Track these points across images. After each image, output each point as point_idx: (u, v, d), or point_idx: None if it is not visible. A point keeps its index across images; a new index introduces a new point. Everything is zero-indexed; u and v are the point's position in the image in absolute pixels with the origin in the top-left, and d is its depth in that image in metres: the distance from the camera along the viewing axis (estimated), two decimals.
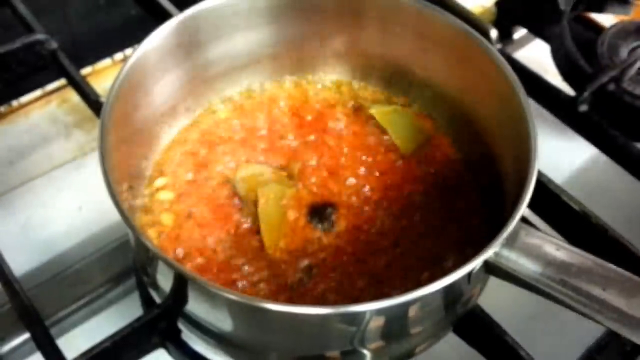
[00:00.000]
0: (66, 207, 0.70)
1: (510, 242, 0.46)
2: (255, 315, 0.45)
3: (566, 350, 0.55)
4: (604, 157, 0.70)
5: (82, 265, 0.63)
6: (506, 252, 0.46)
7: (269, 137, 0.63)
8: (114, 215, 0.67)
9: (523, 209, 0.45)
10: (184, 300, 0.47)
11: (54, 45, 0.68)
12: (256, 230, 0.56)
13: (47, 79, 0.80)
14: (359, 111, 0.65)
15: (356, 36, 0.65)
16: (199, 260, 0.54)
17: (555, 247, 0.46)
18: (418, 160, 0.62)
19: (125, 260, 0.64)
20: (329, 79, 0.68)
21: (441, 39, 0.60)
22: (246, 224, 0.56)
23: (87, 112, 0.75)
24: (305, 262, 0.54)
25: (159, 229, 0.56)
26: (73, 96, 0.80)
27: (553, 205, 0.61)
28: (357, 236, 0.56)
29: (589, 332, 0.55)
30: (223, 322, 0.47)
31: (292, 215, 0.57)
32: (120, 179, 0.52)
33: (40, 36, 0.67)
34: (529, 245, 0.46)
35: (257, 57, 0.65)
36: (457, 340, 0.56)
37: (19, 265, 0.61)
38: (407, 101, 0.66)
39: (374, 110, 0.64)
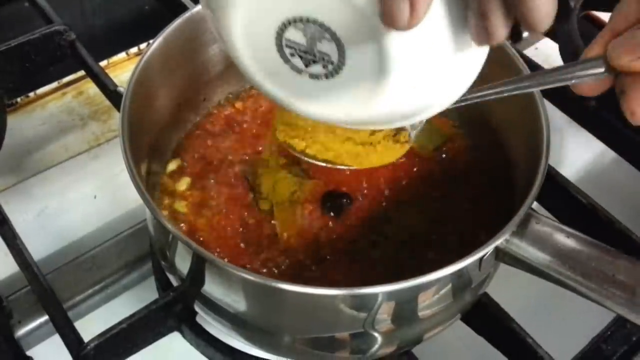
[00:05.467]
0: (82, 195, 0.71)
1: (521, 229, 0.46)
2: (271, 295, 0.46)
3: (573, 339, 0.56)
4: (611, 153, 0.71)
5: (98, 251, 0.64)
6: (517, 239, 0.46)
7: None
8: (127, 204, 0.70)
9: (534, 196, 0.46)
10: (201, 281, 0.48)
11: (72, 36, 0.69)
12: (270, 218, 0.57)
13: (64, 72, 0.81)
14: None
15: None
16: (213, 245, 0.55)
17: (565, 235, 0.46)
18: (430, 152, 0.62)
19: (139, 247, 0.64)
20: None
21: None
22: (260, 213, 0.57)
23: (102, 103, 0.77)
24: (318, 250, 0.55)
25: (174, 215, 0.57)
26: (88, 88, 0.82)
27: (560, 198, 0.62)
28: (369, 225, 0.57)
29: (596, 322, 0.56)
30: (239, 303, 0.48)
31: (307, 205, 0.57)
32: (138, 165, 0.52)
33: (59, 27, 0.68)
34: (539, 232, 0.46)
35: None
36: (464, 328, 0.57)
37: (37, 251, 0.62)
38: None
39: None
